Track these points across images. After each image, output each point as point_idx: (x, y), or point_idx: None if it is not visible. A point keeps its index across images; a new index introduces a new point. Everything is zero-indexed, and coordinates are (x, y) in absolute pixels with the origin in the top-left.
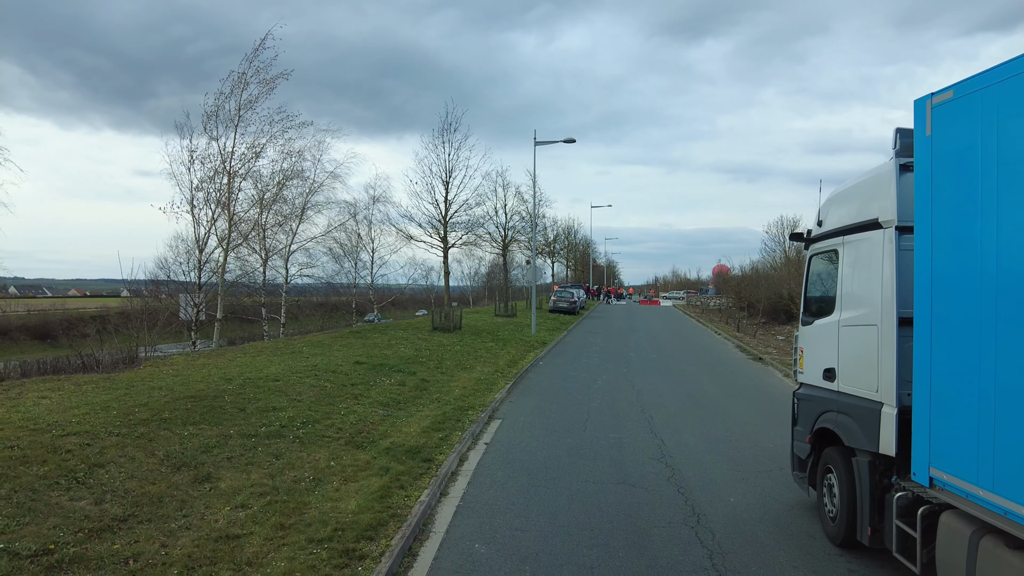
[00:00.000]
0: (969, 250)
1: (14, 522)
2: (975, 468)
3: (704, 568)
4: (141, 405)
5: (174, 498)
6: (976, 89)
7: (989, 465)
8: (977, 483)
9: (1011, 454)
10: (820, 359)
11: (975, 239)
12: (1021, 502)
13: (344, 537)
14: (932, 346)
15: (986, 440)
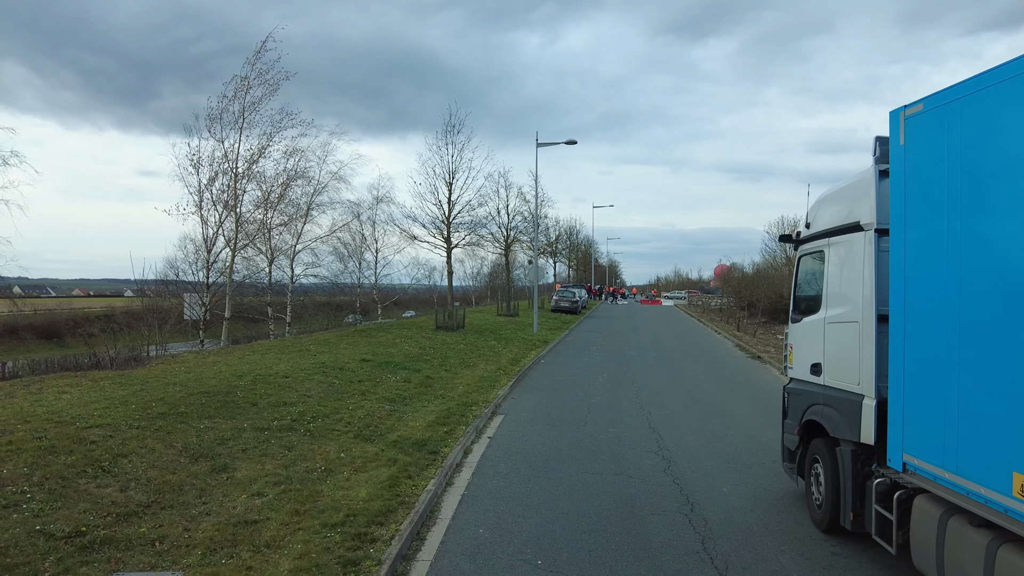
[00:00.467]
0: (937, 254)
1: (47, 506)
2: (942, 453)
3: (696, 552)
4: (158, 400)
5: (193, 486)
6: (944, 103)
7: (954, 450)
8: (944, 467)
9: (973, 440)
10: (808, 355)
11: (942, 243)
12: (982, 483)
13: (356, 522)
14: (905, 342)
15: (951, 428)
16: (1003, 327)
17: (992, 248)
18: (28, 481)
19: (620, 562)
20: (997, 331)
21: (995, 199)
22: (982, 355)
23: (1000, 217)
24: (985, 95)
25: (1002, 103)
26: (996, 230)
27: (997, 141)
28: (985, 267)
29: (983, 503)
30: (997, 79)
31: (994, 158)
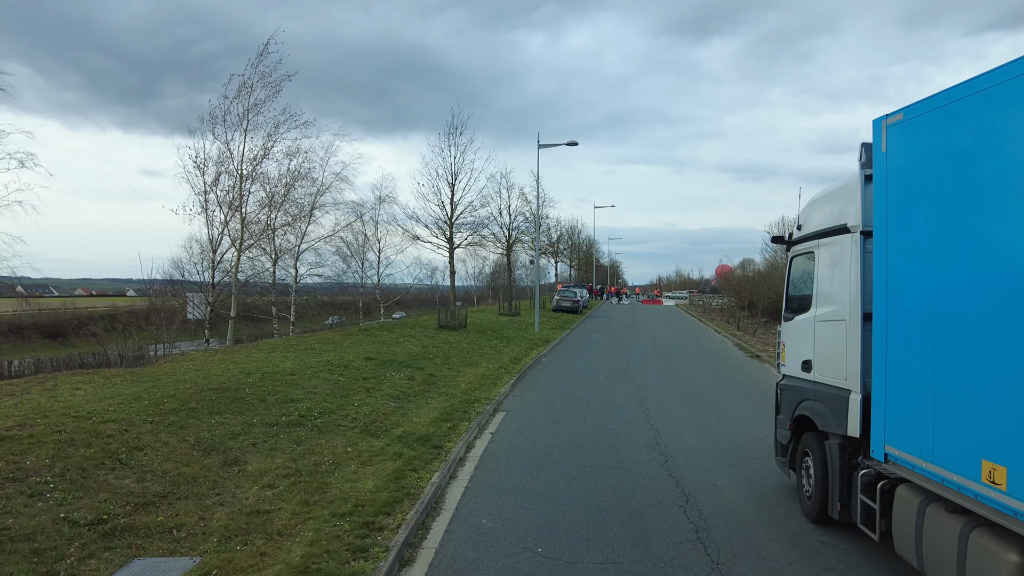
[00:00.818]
0: (916, 256)
1: (70, 495)
2: (920, 443)
3: (690, 540)
4: (169, 396)
5: (207, 478)
6: (922, 112)
7: (930, 441)
8: (921, 456)
9: (947, 431)
10: (799, 352)
11: (921, 246)
12: (954, 471)
13: (364, 512)
14: (887, 339)
15: (928, 419)
16: (972, 326)
17: (962, 252)
18: (50, 472)
19: (617, 550)
20: (967, 329)
21: (967, 205)
22: (955, 352)
23: (970, 223)
24: (958, 106)
25: (972, 114)
26: (966, 236)
27: (969, 149)
28: (957, 270)
29: (956, 489)
30: (968, 92)
31: (966, 166)
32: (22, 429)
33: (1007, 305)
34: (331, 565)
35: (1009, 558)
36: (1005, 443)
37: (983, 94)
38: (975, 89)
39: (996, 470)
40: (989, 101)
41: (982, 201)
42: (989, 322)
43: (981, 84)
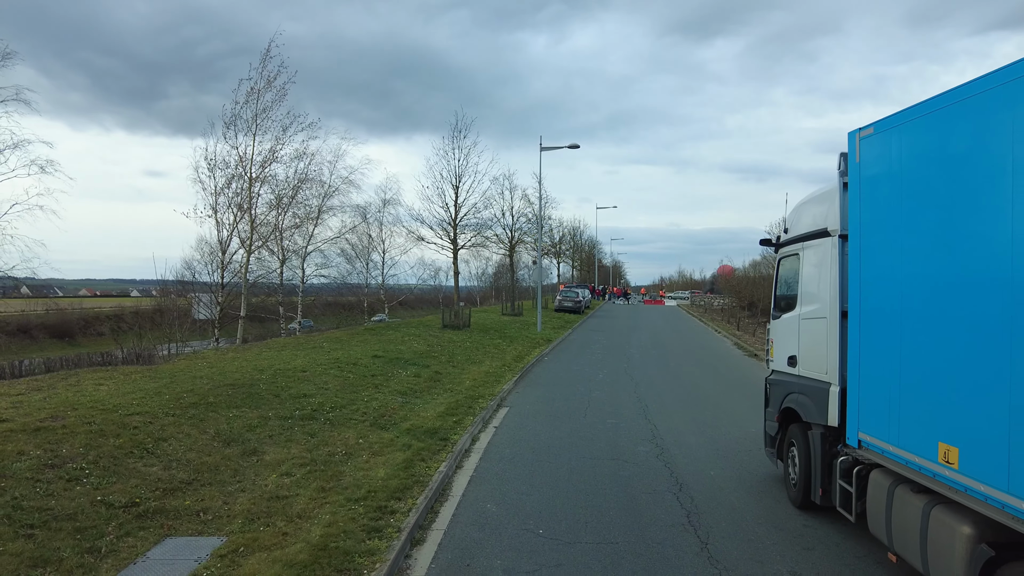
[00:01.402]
0: (883, 259)
1: (104, 480)
2: (887, 429)
3: (681, 524)
4: (188, 391)
5: (228, 467)
6: (890, 127)
7: (896, 426)
8: (889, 441)
9: (910, 417)
10: (786, 348)
11: (887, 250)
12: (916, 453)
13: (377, 497)
14: (860, 334)
15: (895, 407)
16: (929, 323)
17: (921, 256)
18: (84, 459)
19: (613, 532)
20: (926, 326)
21: (926, 213)
22: (916, 345)
23: (928, 230)
24: (921, 122)
25: (932, 130)
26: (925, 241)
27: (928, 162)
28: (917, 272)
29: (917, 470)
30: (930, 109)
31: (926, 177)
32: (55, 420)
33: (957, 306)
34: (348, 543)
35: (963, 531)
36: (957, 426)
37: (941, 112)
38: (936, 107)
39: (950, 451)
40: (945, 119)
41: (939, 210)
42: (942, 320)
43: (940, 103)
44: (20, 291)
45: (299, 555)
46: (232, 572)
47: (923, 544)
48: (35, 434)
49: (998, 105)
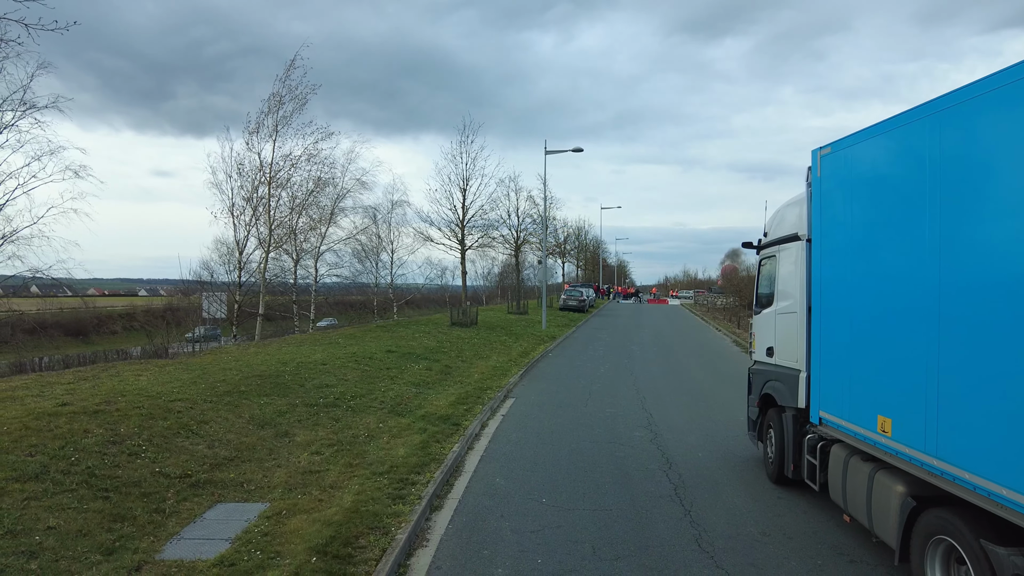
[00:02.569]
0: (836, 261)
1: (159, 456)
2: (840, 406)
3: (668, 495)
4: (220, 381)
5: (263, 446)
6: (844, 147)
7: (848, 404)
8: (841, 416)
9: (856, 395)
10: (765, 340)
11: (839, 254)
12: (861, 425)
13: (398, 471)
14: (821, 326)
15: (846, 387)
16: (869, 315)
17: (863, 259)
18: (139, 438)
19: (607, 501)
20: (867, 317)
21: (869, 222)
22: (859, 333)
23: (867, 237)
24: (863, 146)
25: (869, 153)
26: (865, 246)
27: (872, 179)
28: (861, 273)
29: (863, 440)
30: (869, 136)
31: (869, 191)
32: (108, 405)
33: (889, 302)
34: (377, 507)
35: (897, 489)
36: (890, 401)
37: (878, 138)
38: (874, 133)
39: (886, 422)
40: (880, 144)
41: (875, 222)
42: (879, 313)
43: (878, 130)
44: (30, 290)
45: (335, 516)
46: (278, 529)
47: (868, 503)
48: (94, 416)
49: (912, 136)
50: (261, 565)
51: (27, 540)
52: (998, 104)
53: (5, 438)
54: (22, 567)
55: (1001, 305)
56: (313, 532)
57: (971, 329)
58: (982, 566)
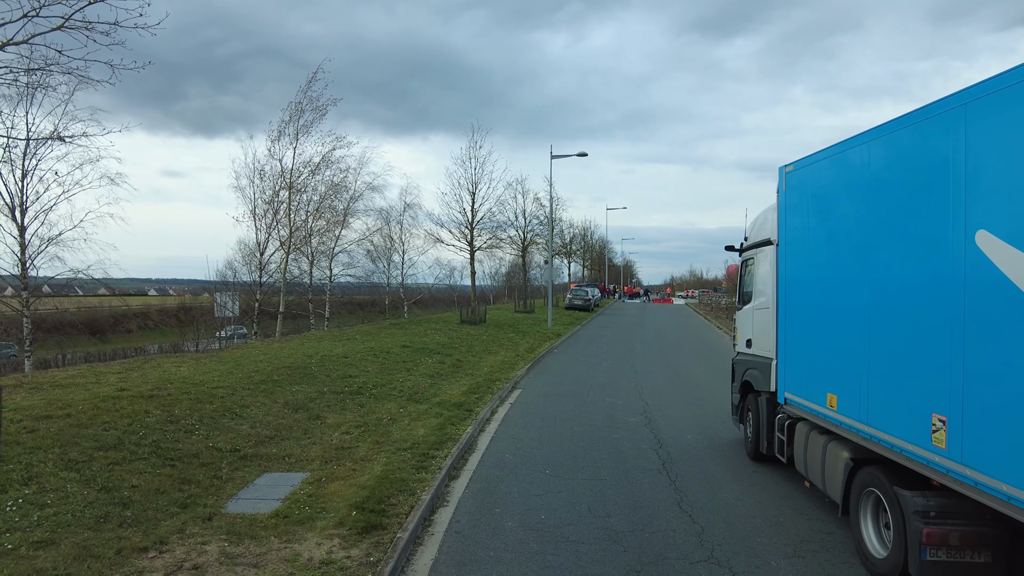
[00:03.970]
0: (796, 263)
1: (210, 433)
2: (799, 387)
3: (657, 469)
4: (254, 372)
5: (299, 427)
6: (803, 166)
7: (805, 384)
8: (801, 395)
9: (812, 377)
10: (745, 333)
11: (797, 257)
12: (815, 402)
13: (419, 448)
14: (785, 319)
15: (804, 371)
16: (820, 309)
17: (813, 263)
18: (191, 419)
19: (603, 472)
20: (818, 311)
21: (818, 231)
22: (813, 324)
23: (817, 244)
24: (819, 165)
25: (818, 172)
26: (815, 252)
27: (819, 195)
28: (812, 273)
29: (817, 415)
30: (823, 156)
31: (818, 205)
32: (160, 391)
33: (833, 296)
34: (403, 475)
35: (843, 455)
36: (836, 380)
37: (821, 162)
38: (831, 154)
39: (833, 398)
40: (823, 167)
41: (823, 229)
42: (825, 307)
43: (822, 155)
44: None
45: (368, 481)
46: (320, 491)
47: (822, 468)
48: (150, 400)
49: (845, 161)
50: (310, 517)
51: (118, 495)
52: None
53: (83, 416)
54: (119, 514)
55: (902, 304)
56: (351, 494)
57: (886, 321)
58: (894, 506)
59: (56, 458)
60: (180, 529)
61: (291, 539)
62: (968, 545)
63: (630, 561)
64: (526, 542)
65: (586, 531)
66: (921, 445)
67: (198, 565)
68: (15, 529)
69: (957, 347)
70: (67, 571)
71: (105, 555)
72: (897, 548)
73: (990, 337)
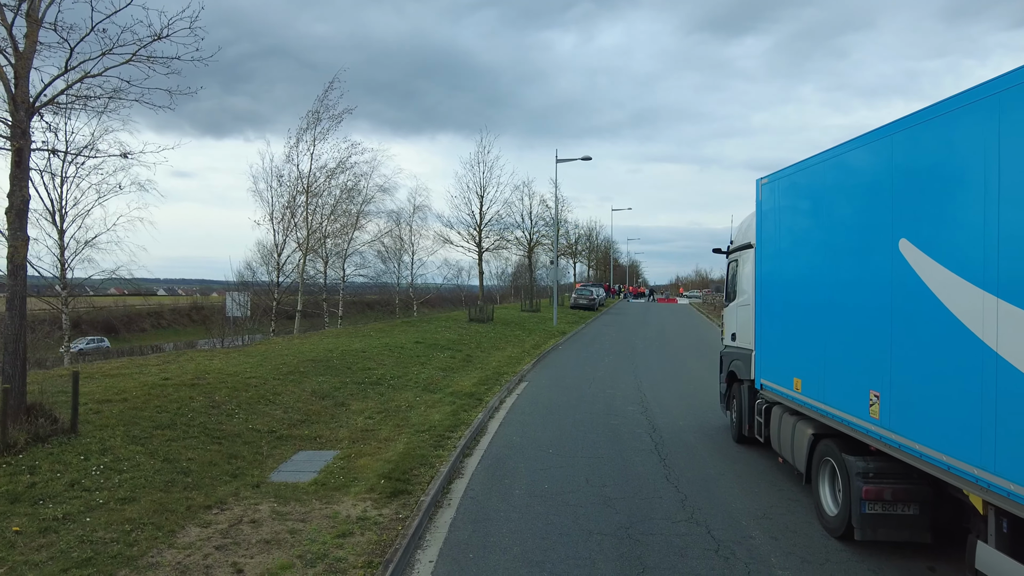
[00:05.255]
0: (770, 266)
1: (248, 417)
2: (772, 374)
3: (649, 449)
4: (281, 364)
5: (326, 412)
6: (776, 179)
7: (777, 371)
8: (774, 381)
9: (782, 365)
10: (730, 327)
11: (771, 260)
12: (783, 386)
13: (436, 431)
14: (760, 314)
15: (776, 360)
16: (788, 306)
17: (784, 266)
18: (231, 404)
19: (600, 451)
20: (786, 307)
21: (787, 237)
22: (784, 319)
23: (786, 249)
24: (788, 179)
25: (785, 185)
26: (785, 257)
27: (785, 206)
28: (782, 275)
29: (786, 397)
30: (788, 173)
31: (787, 215)
32: (200, 380)
33: (799, 294)
34: (423, 452)
35: (807, 431)
36: (801, 366)
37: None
38: (790, 172)
39: (798, 381)
40: (789, 181)
41: (789, 236)
42: (792, 303)
43: (792, 169)
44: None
45: (392, 457)
46: (351, 465)
47: (792, 444)
48: (192, 388)
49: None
50: (345, 484)
51: (179, 465)
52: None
53: (137, 400)
54: (182, 480)
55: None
56: (378, 466)
57: (836, 316)
58: (843, 470)
59: (123, 434)
60: (234, 493)
61: (330, 501)
62: (899, 499)
63: (621, 520)
64: (532, 506)
65: (584, 497)
66: (862, 417)
67: (255, 519)
68: (102, 488)
69: (887, 335)
70: (151, 521)
71: (177, 510)
72: (844, 505)
73: (909, 327)
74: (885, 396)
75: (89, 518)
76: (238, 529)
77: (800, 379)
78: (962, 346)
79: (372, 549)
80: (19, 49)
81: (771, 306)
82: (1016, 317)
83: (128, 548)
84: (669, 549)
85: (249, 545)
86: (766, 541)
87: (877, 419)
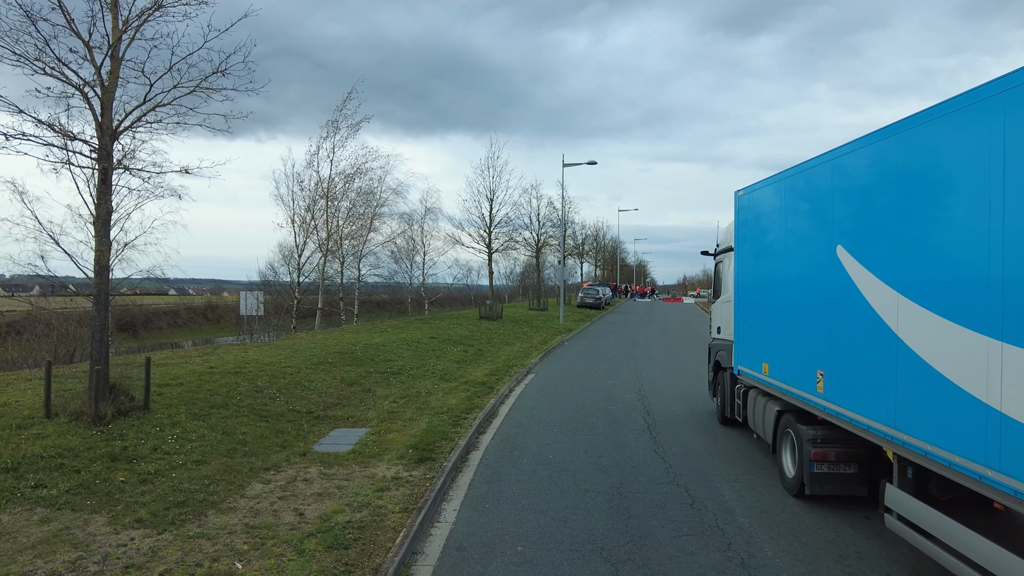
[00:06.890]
0: (746, 268)
1: (288, 400)
2: (746, 360)
3: (642, 429)
4: (310, 356)
5: (355, 397)
6: (749, 191)
7: (751, 359)
8: (748, 367)
9: (755, 353)
10: (716, 322)
11: (746, 263)
12: (755, 370)
13: (453, 413)
14: (739, 310)
15: (752, 349)
16: (760, 303)
17: (756, 268)
18: (272, 389)
19: (598, 430)
20: (758, 304)
21: (759, 242)
22: (756, 313)
23: (757, 254)
24: (755, 193)
25: (756, 198)
26: (758, 260)
27: (755, 216)
28: (755, 277)
29: (758, 381)
30: (763, 185)
31: (759, 223)
32: (242, 368)
33: (766, 292)
34: (443, 429)
35: (774, 409)
36: (767, 352)
37: (764, 188)
38: (762, 186)
39: (766, 366)
40: (760, 194)
41: (758, 241)
42: (761, 300)
43: (771, 181)
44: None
45: (416, 433)
46: (381, 439)
47: (763, 421)
48: (236, 375)
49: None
50: (378, 453)
51: (236, 437)
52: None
53: (191, 385)
54: (241, 449)
55: (801, 297)
56: (405, 440)
57: (793, 309)
58: (798, 438)
59: (186, 412)
60: (286, 460)
61: (367, 466)
62: (841, 460)
63: (612, 482)
64: (537, 471)
65: (582, 465)
66: (811, 392)
67: (307, 479)
68: (179, 453)
69: (828, 323)
70: (222, 478)
71: (242, 470)
72: (799, 467)
73: (844, 317)
74: (828, 373)
75: (175, 474)
76: (294, 485)
77: (768, 364)
78: (878, 332)
79: (406, 500)
80: (104, 84)
81: (746, 302)
82: (911, 309)
83: (209, 496)
84: (652, 503)
85: (305, 496)
86: (734, 498)
87: (822, 393)
